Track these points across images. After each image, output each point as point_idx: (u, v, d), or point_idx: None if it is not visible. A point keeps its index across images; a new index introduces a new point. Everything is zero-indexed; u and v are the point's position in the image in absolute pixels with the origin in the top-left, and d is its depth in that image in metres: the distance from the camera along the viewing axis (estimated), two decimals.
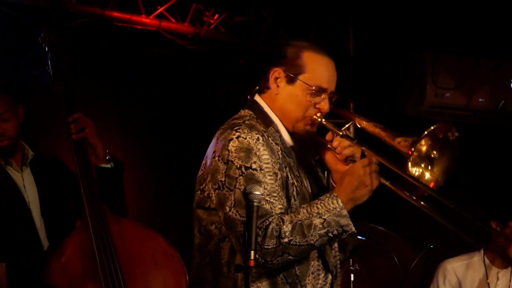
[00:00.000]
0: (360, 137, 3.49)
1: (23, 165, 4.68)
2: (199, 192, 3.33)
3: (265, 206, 3.13)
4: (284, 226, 3.11)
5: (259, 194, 2.96)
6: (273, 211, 3.15)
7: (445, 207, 3.33)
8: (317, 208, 3.17)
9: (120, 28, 6.41)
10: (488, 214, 5.54)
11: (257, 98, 3.46)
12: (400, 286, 5.34)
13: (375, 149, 3.34)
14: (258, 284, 3.21)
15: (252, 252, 2.92)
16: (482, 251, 5.57)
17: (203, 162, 3.36)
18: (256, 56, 6.65)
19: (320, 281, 3.34)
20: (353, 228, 3.18)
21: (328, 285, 3.38)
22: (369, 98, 7.29)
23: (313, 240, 3.13)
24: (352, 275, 5.10)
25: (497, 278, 5.52)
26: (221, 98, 6.60)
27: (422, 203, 3.35)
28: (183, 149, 6.58)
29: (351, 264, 5.13)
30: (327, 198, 3.19)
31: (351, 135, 3.44)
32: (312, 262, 3.31)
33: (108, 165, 4.73)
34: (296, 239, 3.11)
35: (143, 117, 6.75)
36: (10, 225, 4.54)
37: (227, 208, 3.17)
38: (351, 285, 5.10)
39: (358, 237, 5.25)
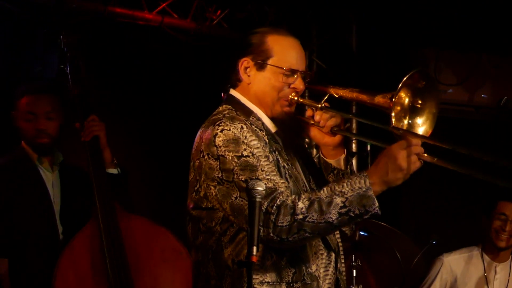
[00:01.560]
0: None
1: (54, 165, 4.79)
2: (194, 194, 3.30)
3: (268, 185, 3.09)
4: (300, 203, 3.07)
5: (262, 190, 2.96)
6: (277, 187, 3.12)
7: None
8: (342, 186, 3.08)
9: (122, 24, 6.41)
10: (489, 210, 5.55)
11: (232, 92, 3.44)
12: (403, 281, 5.35)
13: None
14: (263, 270, 3.19)
15: (255, 247, 2.92)
16: (480, 245, 5.59)
17: (191, 164, 3.33)
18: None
19: (324, 260, 3.33)
20: (377, 208, 3.07)
21: (332, 263, 3.36)
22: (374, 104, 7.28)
23: (331, 218, 3.05)
24: (354, 271, 5.11)
25: (495, 272, 5.54)
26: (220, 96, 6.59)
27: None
28: (184, 146, 6.58)
29: (353, 260, 5.14)
30: (355, 177, 3.10)
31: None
32: (314, 243, 3.30)
33: (115, 171, 4.78)
34: (313, 215, 3.05)
35: (145, 113, 6.76)
36: (32, 221, 4.63)
37: (233, 198, 3.15)
38: (354, 281, 5.10)
39: (361, 233, 5.27)
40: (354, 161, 6.78)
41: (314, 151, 3.65)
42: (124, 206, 4.73)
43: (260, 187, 2.96)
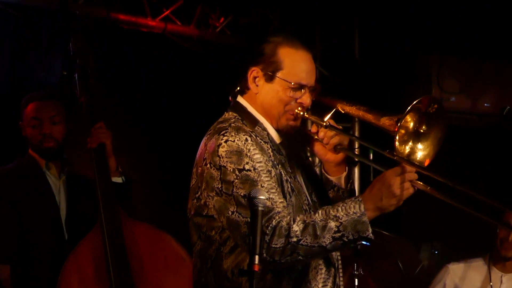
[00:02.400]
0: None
1: (62, 173, 4.81)
2: (195, 200, 3.29)
3: (267, 204, 3.07)
4: (295, 225, 3.07)
5: (264, 199, 2.96)
6: (275, 206, 3.11)
7: None
8: (337, 210, 3.09)
9: (125, 31, 6.42)
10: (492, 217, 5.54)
11: (239, 99, 3.42)
12: None
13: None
14: (262, 283, 3.16)
15: (257, 256, 2.91)
16: (487, 256, 5.58)
17: (194, 170, 3.33)
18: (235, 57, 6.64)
19: (323, 275, 3.31)
20: (371, 234, 3.09)
21: (331, 278, 3.35)
22: (374, 101, 7.29)
23: (324, 242, 3.07)
24: (356, 280, 5.10)
25: (501, 282, 5.53)
26: (227, 101, 6.60)
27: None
28: (187, 151, 6.58)
29: (355, 268, 5.13)
30: (350, 202, 3.11)
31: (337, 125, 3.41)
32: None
33: (119, 180, 4.79)
34: (306, 239, 3.06)
35: (147, 120, 6.76)
36: (39, 228, 4.65)
37: (230, 213, 3.15)
38: None
39: (362, 241, 5.27)
40: (356, 170, 6.80)
41: (317, 159, 3.64)
42: (128, 214, 4.73)
43: (263, 196, 2.96)
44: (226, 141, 3.19)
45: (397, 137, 3.19)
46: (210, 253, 3.26)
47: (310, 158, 3.58)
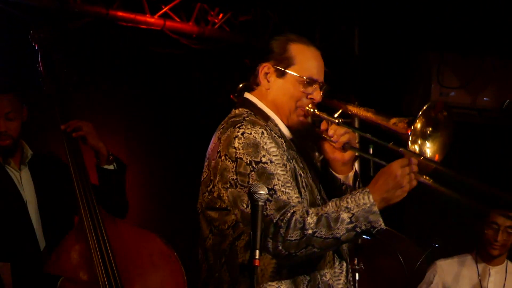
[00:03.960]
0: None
1: (22, 164, 4.66)
2: (206, 193, 3.29)
3: (282, 197, 3.10)
4: (309, 218, 3.08)
5: (264, 194, 2.95)
6: (291, 201, 3.12)
7: None
8: (347, 202, 3.12)
9: (124, 28, 6.41)
10: (482, 218, 5.54)
11: (248, 95, 3.43)
12: (405, 285, 5.34)
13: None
14: (278, 278, 3.19)
15: (257, 251, 2.91)
16: (474, 251, 5.59)
17: (206, 163, 3.32)
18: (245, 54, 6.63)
19: (336, 270, 3.33)
20: (383, 224, 3.12)
21: (344, 272, 3.37)
22: (374, 97, 7.29)
23: (339, 233, 3.08)
24: (357, 274, 5.09)
25: (489, 275, 5.54)
26: (226, 98, 6.60)
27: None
28: (186, 149, 6.59)
29: (356, 263, 5.13)
30: (358, 193, 3.14)
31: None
32: (328, 252, 3.29)
33: (111, 167, 4.71)
34: (321, 231, 3.07)
35: (147, 117, 6.76)
36: (7, 224, 4.51)
37: (244, 205, 3.14)
38: (356, 285, 5.08)
39: (363, 236, 5.26)
40: (356, 165, 6.78)
41: (316, 154, 3.64)
42: (119, 203, 4.70)
43: (263, 191, 2.95)
44: (242, 134, 3.20)
45: (410, 139, 3.24)
46: (224, 248, 3.25)
47: (316, 154, 3.58)
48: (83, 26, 6.22)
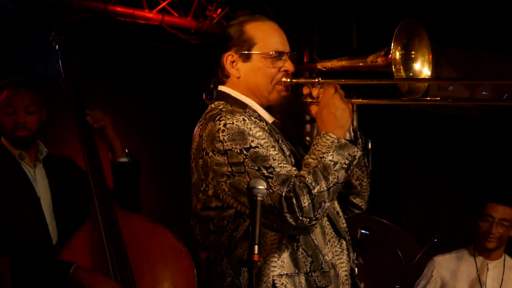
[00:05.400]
0: None
1: (36, 161, 4.73)
2: (200, 194, 3.24)
3: (282, 171, 3.09)
4: (307, 179, 3.08)
5: (263, 189, 2.94)
6: (291, 173, 3.11)
7: None
8: (318, 151, 3.15)
9: (123, 23, 6.42)
10: (478, 210, 5.54)
11: (221, 88, 3.38)
12: (404, 279, 5.35)
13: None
14: (280, 262, 3.17)
15: (256, 246, 2.89)
16: (472, 246, 5.59)
17: (192, 164, 3.28)
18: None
19: (336, 248, 3.32)
20: (358, 151, 3.19)
21: (345, 250, 3.36)
22: (373, 92, 7.29)
23: (335, 178, 3.11)
24: (356, 269, 5.10)
25: (487, 269, 5.54)
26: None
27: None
28: (186, 144, 6.59)
29: (354, 257, 5.13)
30: (319, 139, 3.18)
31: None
32: (326, 230, 3.29)
33: (126, 160, 4.76)
34: (322, 185, 3.08)
35: (146, 112, 6.76)
36: (20, 219, 4.56)
37: None
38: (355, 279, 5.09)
39: (362, 230, 5.27)
40: None
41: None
42: (132, 198, 4.75)
43: (261, 186, 2.94)
44: (225, 125, 3.15)
45: (393, 68, 3.28)
46: (223, 241, 3.22)
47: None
48: (80, 21, 6.22)
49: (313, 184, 3.08)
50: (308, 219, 3.08)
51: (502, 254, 5.57)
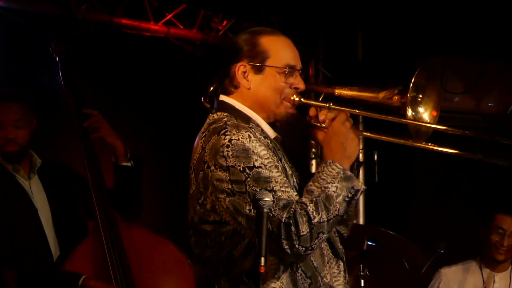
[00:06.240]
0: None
1: (31, 173, 4.69)
2: (198, 207, 3.20)
3: (283, 196, 3.06)
4: (309, 207, 3.04)
5: (269, 201, 2.92)
6: (292, 198, 3.08)
7: None
8: (322, 180, 3.10)
9: (128, 35, 6.42)
10: (487, 223, 5.53)
11: (224, 98, 3.33)
12: None
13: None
14: (279, 283, 3.14)
15: (263, 258, 2.88)
16: (478, 258, 5.57)
17: (192, 175, 3.24)
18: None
19: (334, 269, 3.29)
20: (362, 185, 3.15)
21: (342, 272, 3.33)
22: (377, 122, 7.28)
23: (337, 210, 3.07)
24: (362, 281, 5.09)
25: (494, 281, 5.52)
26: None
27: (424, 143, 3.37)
28: (189, 154, 6.58)
29: (361, 269, 5.13)
30: (324, 167, 3.12)
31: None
32: (325, 252, 3.27)
33: (128, 164, 4.73)
34: (323, 215, 3.04)
35: (151, 124, 6.76)
36: (19, 233, 4.53)
37: (247, 211, 3.07)
38: None
39: (368, 242, 5.26)
40: (361, 171, 6.79)
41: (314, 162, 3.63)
42: (135, 201, 4.74)
43: (268, 198, 2.92)
44: (230, 140, 3.10)
45: (408, 110, 3.27)
46: (221, 258, 3.18)
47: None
48: (86, 33, 6.23)
49: (314, 213, 3.04)
50: (304, 248, 3.05)
51: (509, 266, 5.56)
